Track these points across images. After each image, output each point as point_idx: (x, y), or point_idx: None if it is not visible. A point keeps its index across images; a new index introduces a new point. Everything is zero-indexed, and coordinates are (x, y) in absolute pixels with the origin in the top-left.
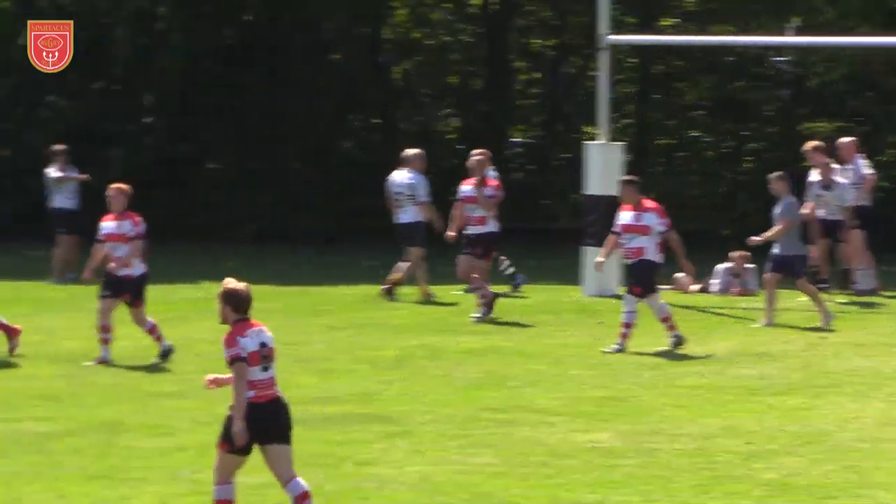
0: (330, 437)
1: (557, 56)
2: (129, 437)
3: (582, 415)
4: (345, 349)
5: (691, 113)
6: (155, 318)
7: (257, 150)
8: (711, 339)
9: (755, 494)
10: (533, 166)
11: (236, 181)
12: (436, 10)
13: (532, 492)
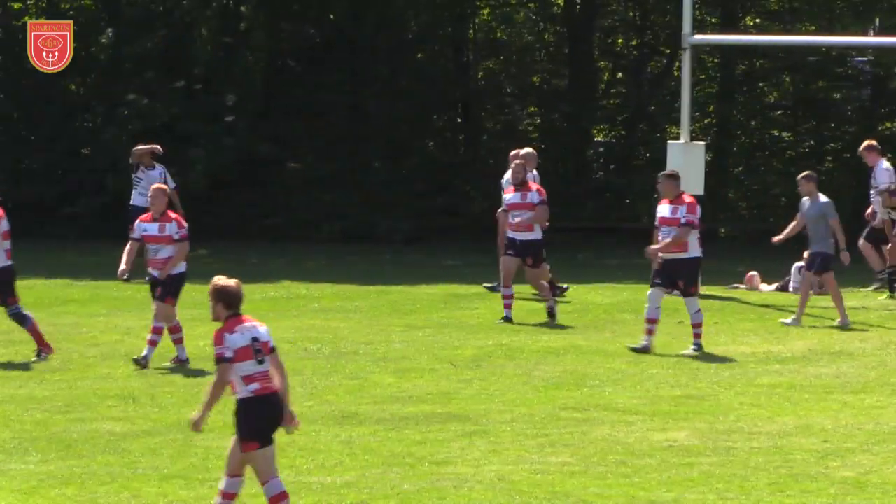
0: (408, 437)
1: (640, 56)
2: (207, 437)
3: (660, 413)
4: (424, 349)
5: (772, 113)
6: None
7: (339, 149)
8: (789, 337)
9: (831, 492)
10: (615, 166)
11: (317, 181)
12: (519, 10)
13: (609, 490)
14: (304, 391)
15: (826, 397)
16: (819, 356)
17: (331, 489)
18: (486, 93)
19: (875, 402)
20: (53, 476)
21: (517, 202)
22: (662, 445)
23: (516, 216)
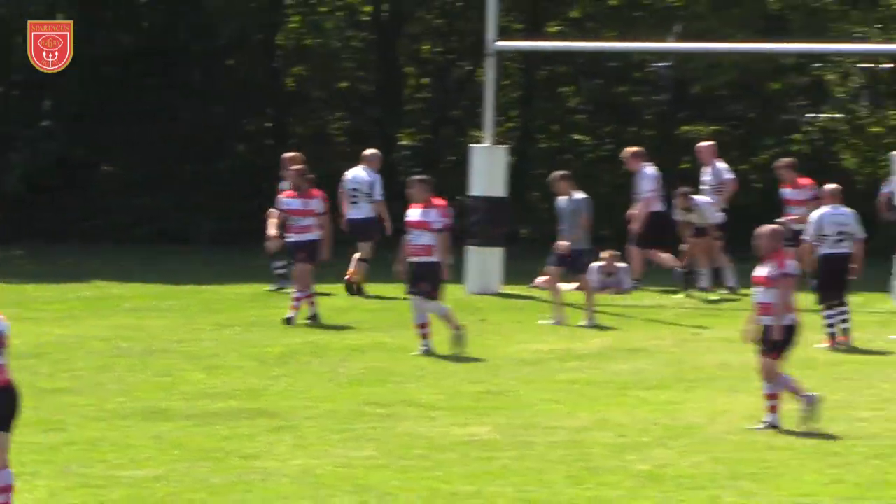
0: (216, 432)
1: (446, 62)
2: (22, 433)
3: (461, 409)
4: (233, 346)
5: (574, 117)
6: (49, 316)
7: (154, 153)
8: (587, 335)
9: (627, 485)
10: (420, 168)
11: (133, 184)
12: (328, 18)
13: (411, 484)
14: (116, 388)
15: (623, 393)
16: (616, 353)
17: (142, 483)
18: (294, 98)
19: (670, 398)
20: None
21: (298, 208)
22: (463, 440)
23: (299, 221)
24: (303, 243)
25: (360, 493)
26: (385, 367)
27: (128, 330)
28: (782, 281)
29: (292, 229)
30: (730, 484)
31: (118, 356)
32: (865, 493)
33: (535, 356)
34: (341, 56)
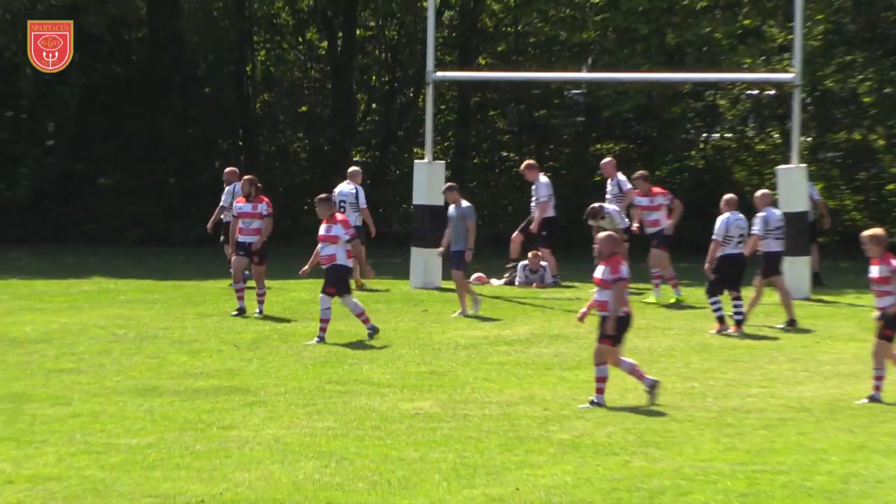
0: (199, 406)
1: (391, 90)
2: (34, 407)
3: (408, 387)
4: (212, 333)
5: (501, 137)
6: (54, 307)
7: (141, 168)
8: (515, 323)
9: (550, 452)
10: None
11: (123, 194)
12: (290, 52)
13: (366, 450)
14: (113, 368)
15: (546, 373)
16: (540, 339)
17: (136, 449)
18: (262, 120)
19: (587, 377)
20: None
21: (248, 211)
22: (410, 413)
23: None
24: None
25: (322, 459)
26: (342, 351)
27: (122, 319)
28: (616, 284)
29: (243, 231)
30: (639, 450)
31: (114, 341)
32: (755, 458)
33: (471, 341)
34: (302, 85)
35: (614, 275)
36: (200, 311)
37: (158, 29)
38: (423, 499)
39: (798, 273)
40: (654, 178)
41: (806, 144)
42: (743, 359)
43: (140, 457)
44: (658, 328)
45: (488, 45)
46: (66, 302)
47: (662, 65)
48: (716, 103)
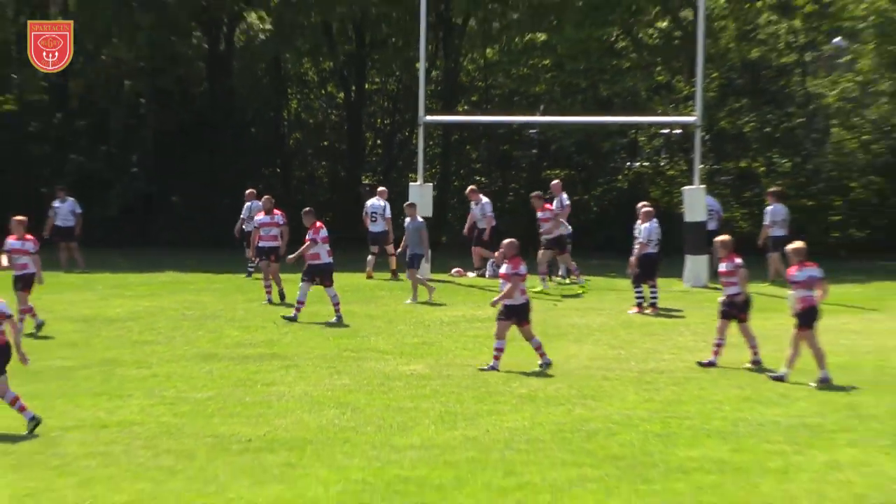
0: (247, 368)
1: (392, 130)
2: (122, 369)
3: (405, 354)
4: (257, 314)
5: (475, 165)
6: (138, 294)
7: (202, 190)
8: (485, 306)
9: (512, 402)
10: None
11: (189, 209)
12: (315, 101)
13: (373, 402)
14: (182, 340)
15: (509, 344)
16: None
17: (200, 401)
18: (294, 154)
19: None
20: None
21: (267, 222)
22: (406, 374)
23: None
24: (270, 248)
25: (340, 408)
26: (356, 327)
27: (189, 303)
28: (514, 278)
29: (263, 238)
30: (579, 402)
31: (184, 320)
32: (667, 407)
33: (452, 319)
34: (324, 126)
35: (514, 271)
36: (248, 298)
37: (215, 85)
38: (417, 438)
39: (699, 267)
40: (588, 197)
41: (705, 171)
42: (657, 332)
43: (202, 407)
44: (594, 309)
45: (465, 96)
46: (147, 290)
47: (596, 111)
48: (637, 139)
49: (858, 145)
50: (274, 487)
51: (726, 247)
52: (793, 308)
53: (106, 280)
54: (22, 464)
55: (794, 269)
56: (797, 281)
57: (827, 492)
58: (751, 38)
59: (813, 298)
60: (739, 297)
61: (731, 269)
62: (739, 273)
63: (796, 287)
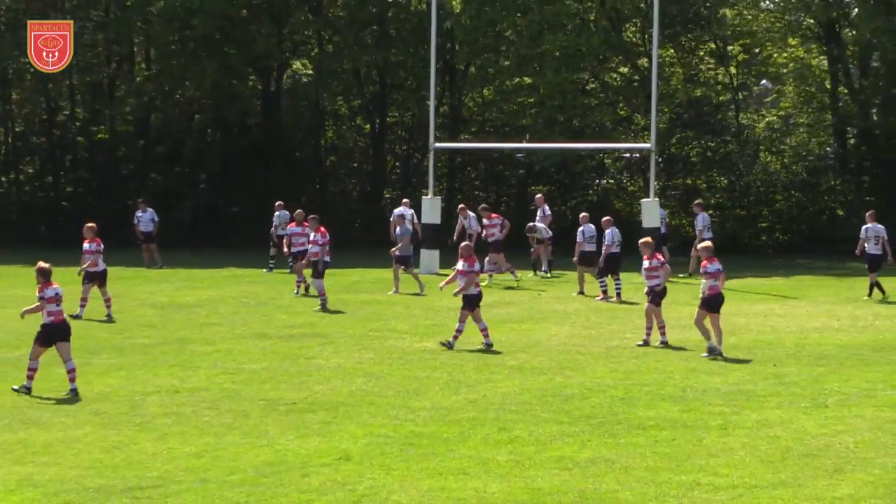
0: (292, 345)
1: (408, 154)
2: (192, 346)
3: (419, 333)
4: (300, 301)
5: (475, 182)
6: (205, 285)
7: (258, 202)
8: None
9: (504, 373)
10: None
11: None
12: (347, 131)
13: (393, 372)
14: (240, 322)
15: (502, 325)
16: (499, 304)
17: (254, 371)
18: (330, 174)
19: (528, 327)
20: (117, 367)
21: (299, 232)
22: (420, 350)
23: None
24: (300, 252)
25: (367, 377)
26: (379, 311)
27: (246, 293)
28: (469, 274)
29: (294, 244)
30: (559, 372)
31: (241, 306)
32: (629, 377)
33: (455, 305)
34: (354, 151)
35: (470, 268)
36: (292, 289)
37: (267, 118)
38: (428, 401)
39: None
40: (565, 208)
41: (658, 187)
42: (621, 316)
43: (256, 376)
44: (569, 298)
45: (466, 127)
46: (212, 282)
47: (571, 139)
48: (604, 162)
49: (781, 167)
50: (314, 440)
51: (648, 247)
52: (703, 293)
53: (179, 274)
54: (111, 422)
55: (705, 263)
56: (709, 272)
57: (759, 445)
58: (694, 81)
59: (718, 286)
60: (658, 287)
61: (657, 265)
62: (664, 269)
63: (707, 277)
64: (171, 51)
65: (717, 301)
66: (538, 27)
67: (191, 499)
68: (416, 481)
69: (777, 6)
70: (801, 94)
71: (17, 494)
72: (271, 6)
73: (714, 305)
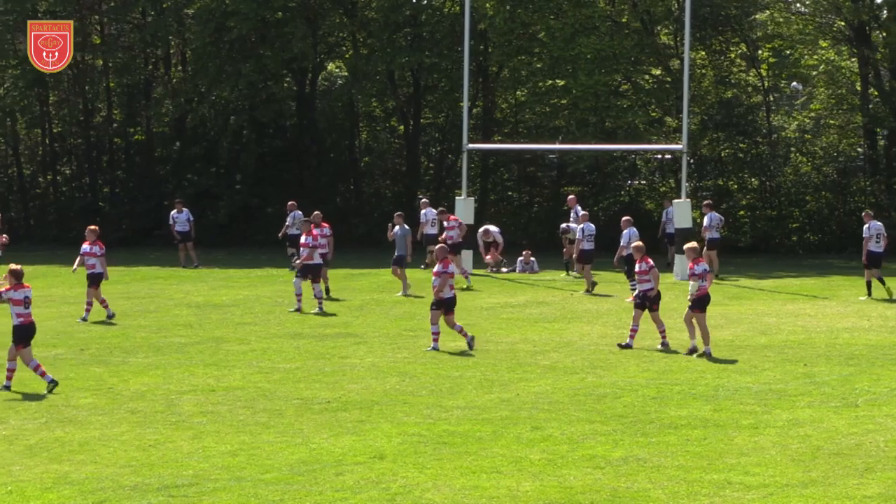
0: (327, 344)
1: (442, 155)
2: (227, 345)
3: (452, 333)
4: (334, 302)
5: (508, 182)
6: (240, 285)
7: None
8: (516, 294)
9: (537, 372)
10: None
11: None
12: (381, 133)
13: (426, 371)
14: (275, 321)
15: (535, 325)
16: (531, 304)
17: (287, 370)
18: (364, 174)
19: (560, 326)
20: (154, 366)
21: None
22: (453, 349)
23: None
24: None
25: (401, 376)
26: (413, 311)
27: (280, 292)
28: (444, 276)
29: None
30: (591, 371)
31: (276, 306)
32: (660, 376)
33: (489, 305)
34: (389, 152)
35: (444, 270)
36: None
37: (302, 119)
38: (462, 400)
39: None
40: (597, 208)
41: (689, 188)
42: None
43: (291, 375)
44: (602, 298)
45: (499, 129)
46: (247, 282)
47: (603, 140)
48: (635, 163)
49: (812, 168)
50: (348, 439)
51: (640, 251)
52: (692, 294)
53: (215, 274)
54: (147, 420)
55: (692, 265)
56: (696, 273)
57: (789, 443)
58: (726, 83)
59: (706, 287)
60: (652, 292)
61: (646, 268)
62: (652, 272)
63: (694, 278)
64: (206, 52)
65: (704, 301)
66: (571, 29)
67: (226, 497)
68: (450, 480)
69: (808, 8)
70: (832, 96)
71: (53, 492)
72: (306, 8)
73: (702, 305)
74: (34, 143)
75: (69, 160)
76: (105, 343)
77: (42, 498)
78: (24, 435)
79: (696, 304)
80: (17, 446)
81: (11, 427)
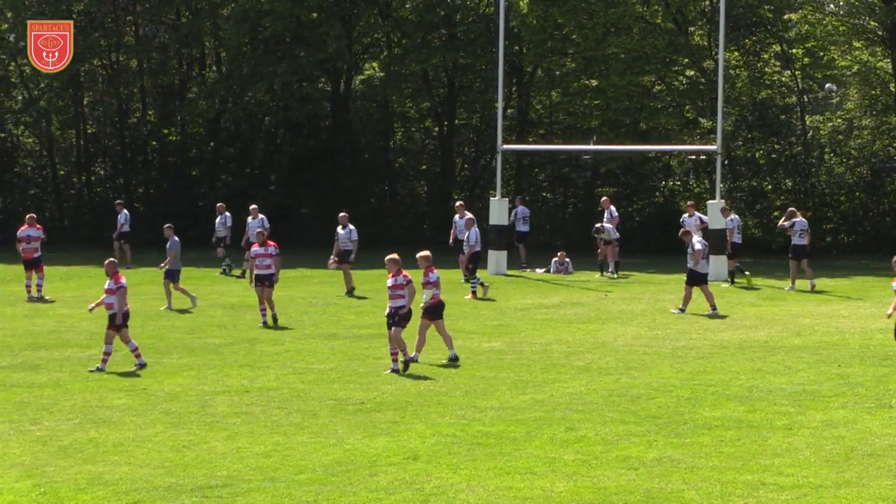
0: (360, 345)
1: (476, 155)
2: (261, 346)
3: (486, 333)
4: (369, 302)
5: (542, 184)
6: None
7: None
8: (550, 295)
9: (571, 373)
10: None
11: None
12: (416, 133)
13: (462, 373)
14: (309, 322)
15: (569, 325)
16: (565, 305)
17: (323, 371)
18: (399, 174)
19: (594, 327)
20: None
21: (262, 253)
22: (487, 349)
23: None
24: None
25: (435, 377)
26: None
27: (315, 293)
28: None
29: (259, 266)
30: (625, 372)
31: (310, 306)
32: (694, 377)
33: (523, 306)
34: (423, 153)
35: (426, 279)
36: (360, 291)
37: (336, 120)
38: (496, 401)
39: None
40: (632, 210)
41: (724, 189)
42: (686, 316)
43: (325, 376)
44: (636, 299)
45: (533, 129)
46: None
47: (637, 141)
48: (669, 164)
49: (846, 169)
50: (382, 440)
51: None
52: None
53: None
54: (181, 421)
55: (426, 273)
56: (431, 282)
57: (823, 445)
58: (760, 83)
59: (438, 295)
60: (403, 310)
61: (401, 282)
62: (409, 288)
63: (428, 286)
64: (241, 53)
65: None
66: (603, 29)
67: (260, 498)
68: (484, 480)
69: (841, 9)
70: (865, 97)
71: (87, 493)
72: (340, 8)
73: (434, 314)
74: (69, 143)
75: (103, 161)
76: (139, 344)
77: (76, 499)
78: (58, 436)
79: (428, 313)
80: (50, 447)
81: (45, 428)
